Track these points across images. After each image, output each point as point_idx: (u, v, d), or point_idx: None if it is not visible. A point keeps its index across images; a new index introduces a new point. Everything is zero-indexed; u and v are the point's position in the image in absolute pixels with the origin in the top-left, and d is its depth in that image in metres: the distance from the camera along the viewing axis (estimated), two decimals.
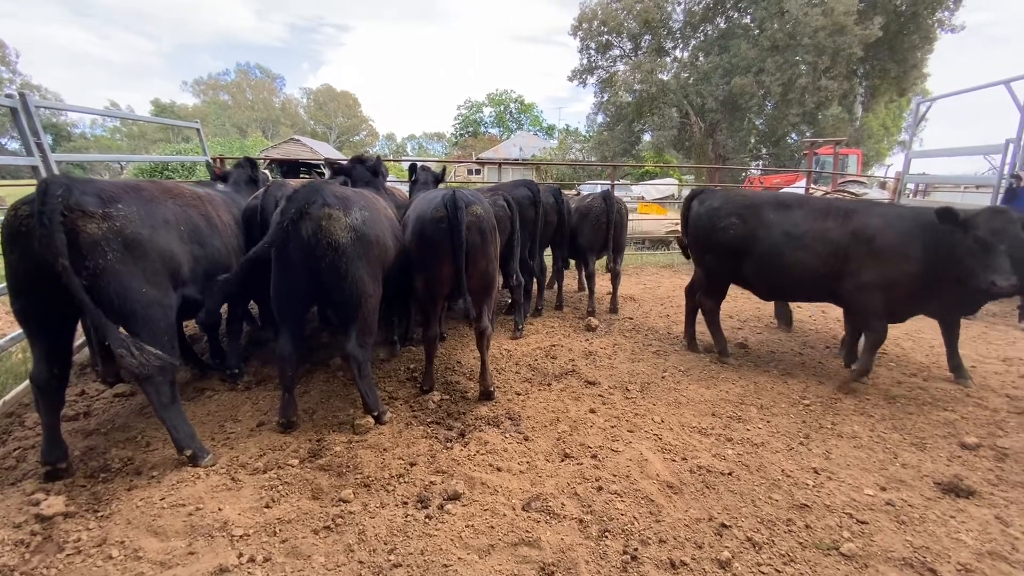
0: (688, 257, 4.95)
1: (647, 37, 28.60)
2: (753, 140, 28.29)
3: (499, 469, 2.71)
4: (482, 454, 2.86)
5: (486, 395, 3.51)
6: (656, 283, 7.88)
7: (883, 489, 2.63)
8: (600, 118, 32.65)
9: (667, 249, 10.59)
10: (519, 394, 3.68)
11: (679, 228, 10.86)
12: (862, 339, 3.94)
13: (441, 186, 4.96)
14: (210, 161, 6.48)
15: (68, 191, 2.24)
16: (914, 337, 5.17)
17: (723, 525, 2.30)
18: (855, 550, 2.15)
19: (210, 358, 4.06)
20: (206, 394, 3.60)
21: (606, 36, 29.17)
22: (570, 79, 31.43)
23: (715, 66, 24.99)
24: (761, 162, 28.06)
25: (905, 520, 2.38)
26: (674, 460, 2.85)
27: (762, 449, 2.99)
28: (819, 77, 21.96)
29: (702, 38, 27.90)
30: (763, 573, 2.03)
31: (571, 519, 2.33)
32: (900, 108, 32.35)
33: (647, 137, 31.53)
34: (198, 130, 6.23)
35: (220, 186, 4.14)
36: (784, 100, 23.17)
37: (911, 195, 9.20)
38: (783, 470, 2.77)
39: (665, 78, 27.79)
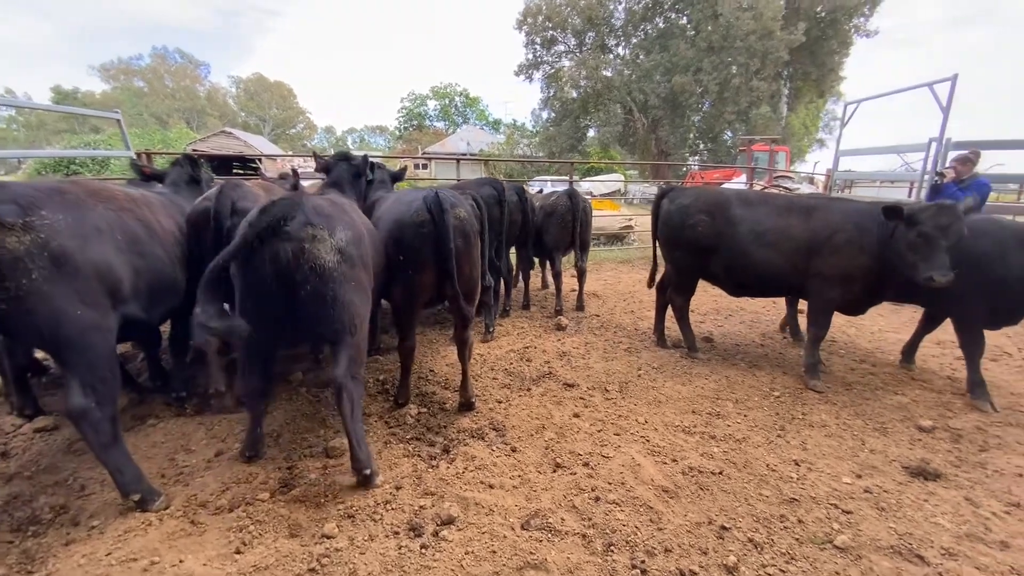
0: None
1: (591, 34, 29.06)
2: (692, 136, 29.55)
3: (491, 486, 2.58)
4: (471, 470, 2.71)
5: (467, 406, 3.35)
6: (616, 279, 7.99)
7: (859, 476, 2.75)
8: (546, 113, 32.89)
9: (622, 245, 10.80)
10: (500, 402, 3.56)
11: (632, 224, 11.12)
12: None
13: (398, 185, 4.70)
14: (135, 157, 5.80)
15: None
16: (855, 324, 5.53)
17: (723, 527, 2.30)
18: (848, 542, 2.21)
19: (150, 380, 3.62)
20: (149, 423, 3.19)
21: (551, 31, 29.33)
22: (516, 74, 31.37)
23: (656, 64, 25.81)
24: (698, 158, 29.43)
25: (884, 507, 2.49)
26: (665, 463, 2.83)
27: (745, 444, 3.05)
28: (751, 78, 23.25)
29: (643, 36, 28.72)
30: (768, 574, 2.04)
31: (573, 535, 2.25)
32: (818, 109, 35.03)
33: (592, 133, 32.14)
34: (118, 121, 5.53)
35: (158, 187, 3.68)
36: (720, 99, 24.35)
37: (839, 190, 9.91)
38: (767, 464, 2.83)
39: (609, 75, 28.37)
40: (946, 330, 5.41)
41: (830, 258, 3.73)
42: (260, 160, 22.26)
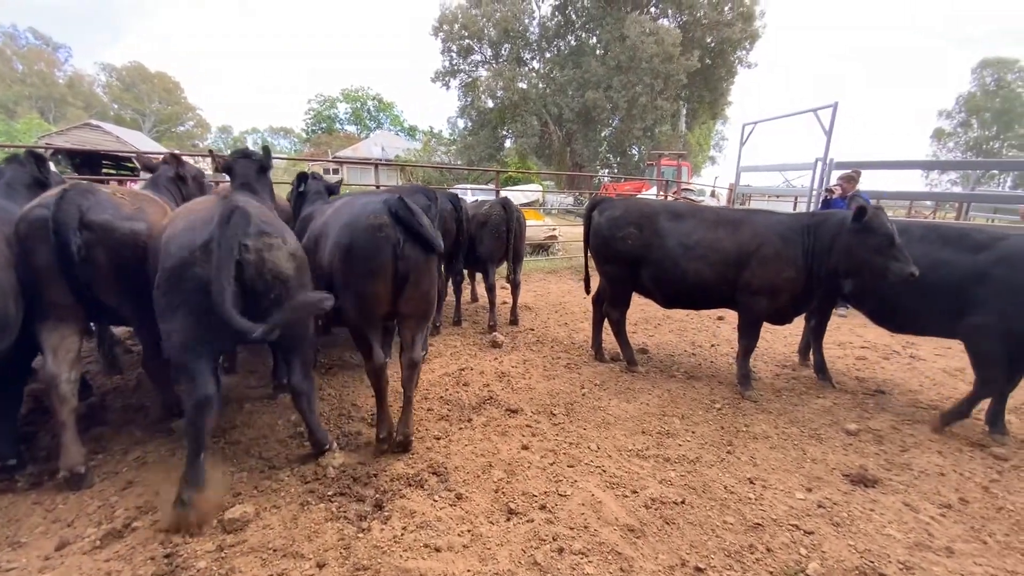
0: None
1: (506, 46, 29.46)
2: (603, 150, 31.03)
3: (437, 549, 2.17)
4: (411, 530, 2.28)
5: (404, 445, 2.91)
6: (545, 290, 7.87)
7: (809, 490, 2.74)
8: (463, 122, 32.75)
9: (547, 254, 10.80)
10: (438, 438, 3.14)
11: (556, 233, 11.19)
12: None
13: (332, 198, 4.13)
14: None
15: None
16: (769, 329, 5.86)
17: (698, 569, 2.11)
18: (818, 569, 2.13)
19: None
20: None
21: (467, 41, 29.28)
22: (433, 80, 30.84)
23: (570, 79, 26.74)
24: (608, 171, 30.98)
25: (839, 522, 2.47)
26: (626, 495, 2.62)
27: (699, 465, 2.94)
28: (655, 97, 24.94)
29: (556, 52, 29.69)
30: None
31: None
32: (709, 129, 38.75)
33: (509, 143, 32.53)
34: None
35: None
36: (629, 115, 25.82)
37: (740, 203, 10.80)
38: (725, 486, 2.73)
39: (524, 87, 28.91)
40: (842, 331, 5.94)
41: (758, 270, 3.82)
42: (136, 158, 19.47)
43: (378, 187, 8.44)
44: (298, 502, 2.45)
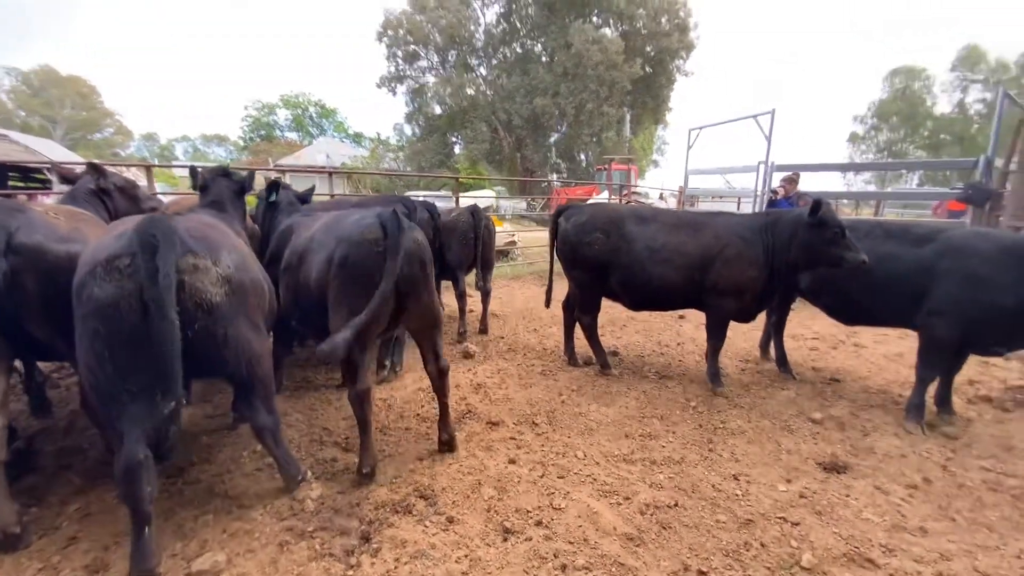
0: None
1: (453, 52, 29.36)
2: (553, 156, 31.56)
3: None
4: (404, 562, 2.15)
5: (451, 444, 3.05)
6: (510, 296, 7.83)
7: (789, 481, 2.84)
8: (409, 128, 32.34)
9: (508, 260, 10.77)
10: (421, 459, 3.00)
11: (515, 239, 11.19)
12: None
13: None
14: None
15: None
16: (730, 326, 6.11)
17: (700, 572, 2.12)
18: (811, 560, 2.19)
19: None
20: None
21: (412, 46, 28.93)
22: (379, 86, 30.18)
23: (518, 86, 27.01)
24: (557, 175, 31.55)
25: (820, 510, 2.57)
26: (620, 503, 2.60)
27: (684, 466, 2.98)
28: (601, 104, 25.66)
29: (503, 59, 29.93)
30: None
31: None
32: (652, 134, 40.41)
33: (458, 149, 32.40)
34: None
35: None
36: (577, 121, 26.41)
37: (689, 204, 11.28)
38: (712, 485, 2.78)
39: (473, 93, 28.92)
40: (791, 325, 6.27)
41: (723, 271, 3.95)
42: (52, 169, 17.67)
43: (332, 196, 8.10)
44: (275, 543, 2.25)
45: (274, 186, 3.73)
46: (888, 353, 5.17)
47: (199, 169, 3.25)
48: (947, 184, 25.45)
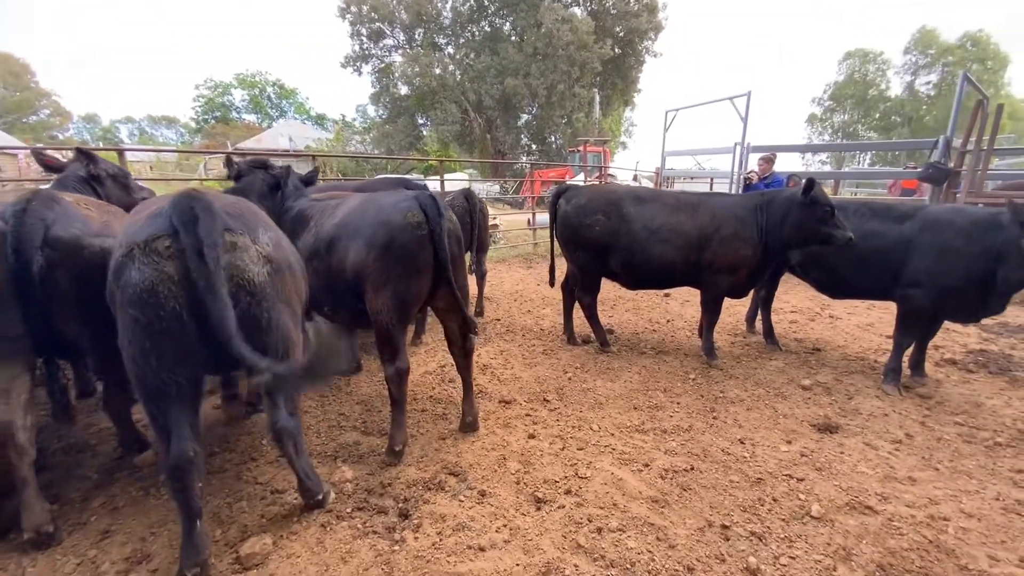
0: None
1: (419, 30, 28.53)
2: (525, 138, 31.39)
3: (481, 548, 2.15)
4: (448, 535, 2.23)
5: (474, 425, 3.12)
6: (499, 279, 7.88)
7: (789, 442, 3.07)
8: (374, 110, 31.41)
9: (493, 243, 10.77)
10: (443, 438, 3.07)
11: (496, 222, 11.17)
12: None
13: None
14: None
15: None
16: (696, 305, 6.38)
17: (724, 527, 2.30)
18: (820, 510, 2.40)
19: None
20: None
21: (377, 24, 27.93)
22: (343, 66, 29.11)
23: (488, 66, 26.58)
24: (529, 158, 31.46)
25: (820, 466, 2.80)
26: (640, 470, 2.76)
27: (693, 433, 3.17)
28: (572, 85, 25.60)
29: (471, 38, 29.31)
30: (783, 565, 2.08)
31: None
32: (620, 115, 40.69)
33: (426, 131, 31.74)
34: None
35: None
36: (548, 102, 26.27)
37: (666, 185, 11.52)
38: (722, 449, 2.97)
39: (441, 73, 28.27)
40: (776, 297, 6.58)
41: (719, 250, 4.13)
42: (34, 155, 16.34)
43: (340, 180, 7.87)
44: (317, 524, 2.29)
45: (284, 172, 3.58)
46: (860, 324, 5.54)
47: (235, 159, 3.20)
48: (898, 164, 26.88)
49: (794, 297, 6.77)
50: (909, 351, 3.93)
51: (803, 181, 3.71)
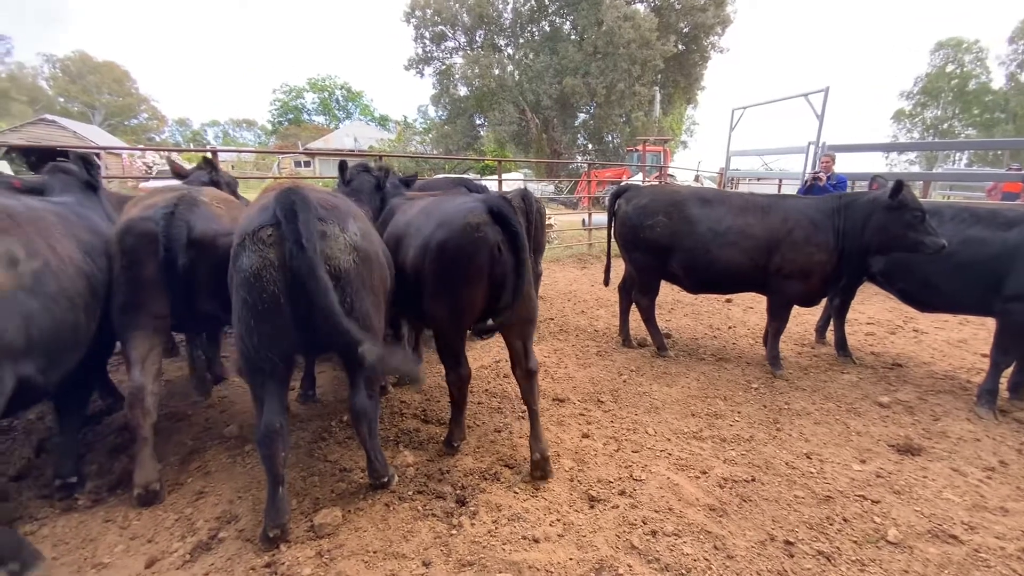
0: None
1: (480, 32, 29.00)
2: (581, 138, 31.10)
3: (536, 540, 2.20)
4: (503, 524, 2.29)
5: (542, 468, 2.62)
6: (552, 279, 7.90)
7: (863, 462, 2.88)
8: (434, 110, 32.28)
9: (547, 243, 10.80)
10: (499, 431, 3.16)
11: (551, 222, 11.16)
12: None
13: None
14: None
15: None
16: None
17: (787, 543, 2.21)
18: (898, 535, 2.25)
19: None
20: (23, 527, 2.21)
21: (440, 27, 28.68)
22: (406, 68, 30.13)
23: (547, 66, 26.57)
24: (585, 157, 31.11)
25: (899, 490, 2.61)
26: (698, 477, 2.70)
27: (755, 444, 3.05)
28: (633, 83, 25.05)
29: (531, 38, 29.41)
30: None
31: None
32: (681, 114, 39.28)
33: (483, 132, 32.18)
34: None
35: (63, 198, 2.69)
36: (607, 101, 25.88)
37: (730, 186, 11.05)
38: (786, 463, 2.85)
39: (499, 73, 28.58)
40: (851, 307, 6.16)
41: (789, 254, 3.93)
42: (100, 155, 18.40)
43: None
44: (381, 503, 2.43)
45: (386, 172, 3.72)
46: (950, 339, 5.07)
47: (347, 164, 3.50)
48: (999, 165, 24.14)
49: (871, 308, 6.30)
50: (1008, 372, 3.56)
51: (890, 183, 3.46)
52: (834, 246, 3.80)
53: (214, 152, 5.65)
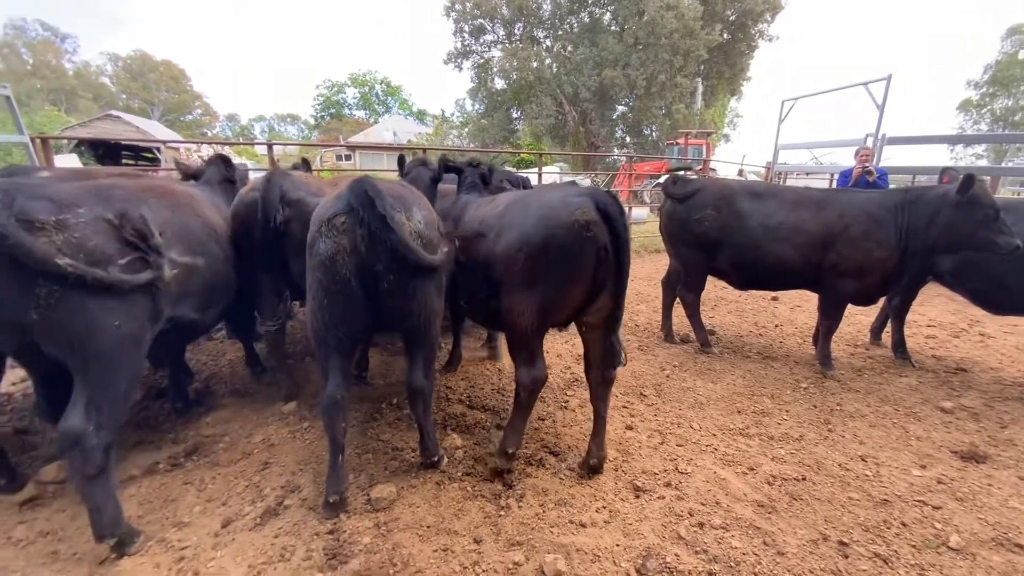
0: None
1: (519, 24, 28.88)
2: (620, 131, 30.56)
3: (582, 524, 2.25)
4: (550, 508, 2.35)
5: (597, 469, 2.59)
6: None
7: (923, 467, 2.77)
8: (471, 104, 32.39)
9: None
10: (542, 419, 3.21)
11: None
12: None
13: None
14: (30, 142, 4.56)
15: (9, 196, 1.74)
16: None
17: (841, 543, 2.17)
18: (960, 542, 2.17)
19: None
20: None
21: (480, 20, 28.74)
22: (445, 62, 30.37)
23: (586, 58, 26.22)
24: (623, 151, 30.55)
25: (962, 497, 2.51)
26: (745, 473, 2.67)
27: (804, 443, 2.99)
28: (675, 75, 24.39)
29: (570, 29, 29.06)
30: None
31: (700, 574, 1.99)
32: (724, 106, 37.89)
33: (519, 125, 32.08)
34: (7, 98, 4.31)
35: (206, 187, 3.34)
36: (648, 93, 25.30)
37: (779, 180, 10.63)
38: (839, 464, 2.78)
39: (538, 66, 28.40)
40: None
41: (845, 251, 3.78)
42: (160, 149, 19.51)
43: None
44: (432, 482, 2.53)
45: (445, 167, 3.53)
46: (1020, 344, 4.76)
47: (405, 157, 3.73)
48: None
49: (932, 309, 5.98)
50: None
51: (960, 177, 3.27)
52: (896, 244, 3.63)
53: (269, 145, 5.91)
